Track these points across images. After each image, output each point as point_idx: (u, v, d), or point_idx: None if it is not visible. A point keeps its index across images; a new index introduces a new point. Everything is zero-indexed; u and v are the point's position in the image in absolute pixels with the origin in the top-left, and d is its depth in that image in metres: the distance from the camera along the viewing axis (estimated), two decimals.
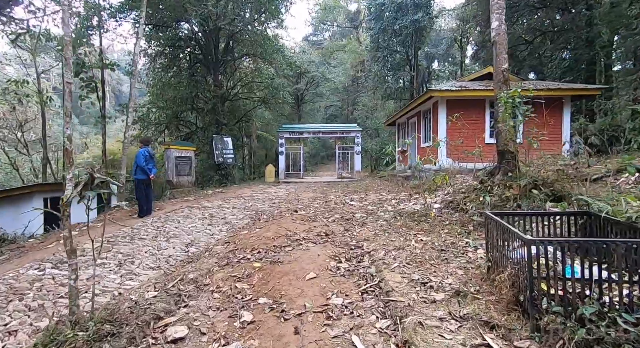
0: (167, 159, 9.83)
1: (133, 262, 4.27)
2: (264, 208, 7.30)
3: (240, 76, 20.74)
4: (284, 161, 16.32)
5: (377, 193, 8.88)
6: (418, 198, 7.15)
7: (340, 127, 17.19)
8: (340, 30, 45.19)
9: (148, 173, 6.61)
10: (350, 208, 6.52)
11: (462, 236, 4.10)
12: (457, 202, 5.30)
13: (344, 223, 5.10)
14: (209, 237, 5.21)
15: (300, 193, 9.73)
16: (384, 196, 7.85)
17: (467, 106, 9.58)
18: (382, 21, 20.38)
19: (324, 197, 8.45)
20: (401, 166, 14.58)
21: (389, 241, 4.02)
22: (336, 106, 35.93)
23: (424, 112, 11.27)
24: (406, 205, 6.40)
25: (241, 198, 8.93)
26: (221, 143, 14.13)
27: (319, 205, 6.91)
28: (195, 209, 7.18)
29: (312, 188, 11.47)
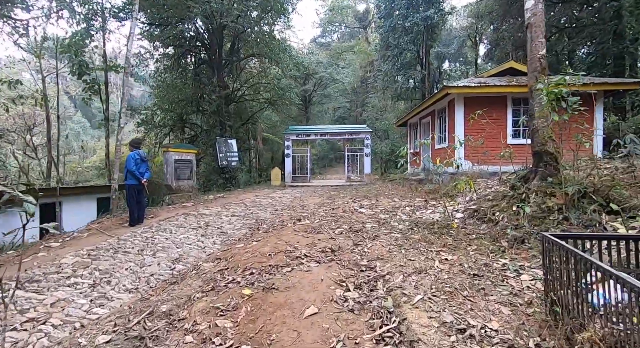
0: (165, 163, 9.35)
1: (109, 282, 3.71)
2: (265, 215, 6.70)
3: (247, 77, 20.34)
4: (290, 164, 15.75)
5: (389, 198, 8.19)
6: (435, 205, 6.44)
7: (349, 128, 16.54)
8: (349, 32, 44.65)
9: (139, 177, 6.09)
10: (360, 216, 5.86)
11: (495, 254, 3.40)
12: (484, 211, 4.59)
13: (352, 236, 4.45)
14: (200, 251, 4.62)
15: (306, 199, 9.11)
16: (396, 203, 7.16)
17: (487, 104, 8.81)
18: (392, 19, 19.70)
19: (331, 203, 7.80)
20: (413, 169, 13.83)
21: (407, 260, 3.35)
22: (344, 108, 35.32)
23: (439, 111, 10.54)
24: (423, 214, 5.70)
25: (242, 204, 8.35)
26: (225, 146, 13.64)
27: (325, 213, 6.27)
28: (191, 217, 6.63)
29: (319, 193, 10.84)
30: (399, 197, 8.40)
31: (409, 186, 10.50)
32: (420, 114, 12.37)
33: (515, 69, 9.32)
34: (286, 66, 17.98)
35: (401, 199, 7.81)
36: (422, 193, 8.67)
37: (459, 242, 3.92)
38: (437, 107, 10.53)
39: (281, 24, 19.53)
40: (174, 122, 17.47)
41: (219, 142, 13.24)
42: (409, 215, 5.66)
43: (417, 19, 18.04)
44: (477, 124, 8.89)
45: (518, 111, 8.78)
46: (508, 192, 4.44)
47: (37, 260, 4.72)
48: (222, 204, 8.33)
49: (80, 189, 10.33)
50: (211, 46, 14.72)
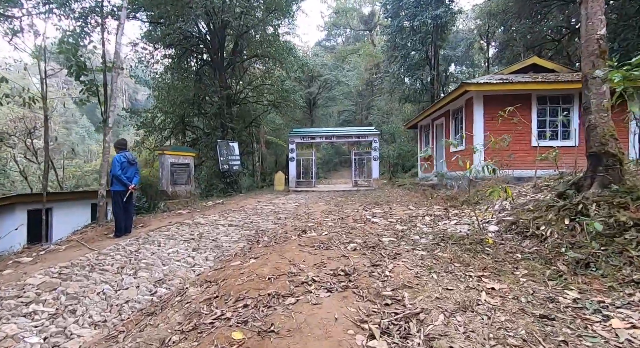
0: (161, 167, 8.74)
1: (75, 311, 3.04)
2: (267, 225, 6.01)
3: (250, 79, 19.83)
4: (294, 168, 15.10)
5: (402, 206, 7.47)
6: (458, 214, 5.71)
7: (356, 130, 15.87)
8: (354, 35, 44.24)
9: (126, 183, 5.45)
10: (374, 227, 5.15)
11: (555, 283, 2.68)
12: (524, 224, 3.86)
13: (369, 253, 3.74)
14: (189, 270, 3.93)
15: (312, 205, 8.42)
16: (412, 211, 6.43)
17: (509, 103, 8.07)
18: (399, 18, 19.12)
19: (340, 211, 7.10)
20: (425, 174, 13.09)
21: (442, 289, 2.64)
22: (350, 111, 34.72)
23: (454, 111, 9.83)
24: (446, 225, 4.98)
25: (243, 211, 7.68)
26: (227, 149, 13.04)
27: (334, 223, 5.57)
28: (185, 227, 5.96)
29: (325, 199, 10.14)
30: (414, 204, 7.67)
31: (422, 192, 9.77)
32: (432, 115, 11.66)
33: (538, 65, 8.60)
34: (290, 67, 17.43)
35: (417, 206, 7.09)
36: (439, 199, 7.94)
37: (502, 264, 3.20)
38: (452, 108, 9.82)
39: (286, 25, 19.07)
40: (174, 125, 16.95)
41: (220, 145, 12.64)
42: (431, 227, 4.94)
43: (425, 18, 17.43)
44: (498, 125, 8.18)
45: (543, 110, 8.04)
46: (555, 201, 3.71)
47: (19, 269, 4.11)
48: (221, 211, 7.67)
49: (72, 195, 9.76)
50: (213, 45, 14.21)
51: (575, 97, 7.85)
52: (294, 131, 16.11)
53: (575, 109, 7.87)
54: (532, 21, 18.90)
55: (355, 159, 15.39)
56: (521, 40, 20.26)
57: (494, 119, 8.12)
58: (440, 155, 11.46)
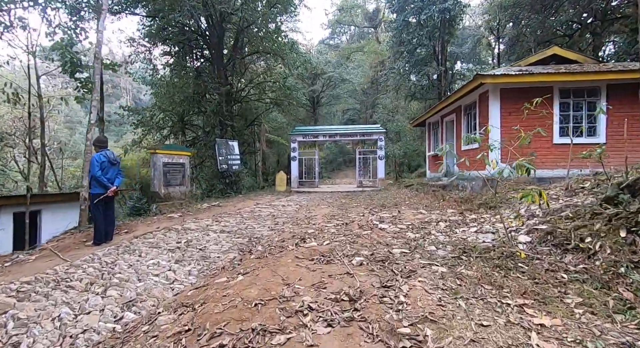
0: (153, 167, 8.21)
1: (17, 344, 2.48)
2: (262, 232, 5.43)
3: (251, 76, 19.28)
4: (296, 168, 14.53)
5: (412, 209, 6.85)
6: (477, 219, 5.08)
7: (361, 128, 15.23)
8: (359, 32, 43.56)
9: (107, 185, 4.91)
10: (382, 235, 4.55)
11: (627, 318, 2.06)
12: (564, 234, 3.24)
13: (377, 269, 3.14)
14: (166, 287, 3.36)
15: (313, 209, 7.83)
16: (424, 215, 5.81)
17: (528, 96, 7.41)
18: (405, 12, 18.44)
19: (343, 215, 6.50)
20: (433, 174, 12.43)
21: (475, 325, 2.04)
22: (354, 110, 34.06)
23: (467, 107, 9.17)
24: (465, 233, 4.36)
25: (239, 215, 7.12)
26: (226, 148, 12.51)
27: (337, 230, 4.97)
28: (172, 233, 5.41)
29: (328, 201, 9.55)
30: (424, 207, 7.05)
31: (432, 194, 9.13)
32: (442, 112, 11.00)
33: (560, 56, 7.92)
34: (293, 63, 16.85)
35: (428, 210, 6.46)
36: (451, 202, 7.30)
37: (545, 287, 2.58)
38: (465, 103, 9.17)
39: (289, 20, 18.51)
40: (173, 124, 16.47)
41: (219, 144, 12.11)
42: (448, 235, 4.32)
43: (433, 12, 16.73)
44: (516, 121, 7.52)
45: (566, 104, 7.37)
46: (603, 208, 3.08)
47: None
48: (215, 215, 7.11)
49: (62, 196, 9.27)
50: (211, 40, 13.67)
51: (602, 89, 7.16)
52: (296, 130, 15.53)
53: (603, 103, 7.19)
54: (544, 15, 18.13)
55: (360, 159, 14.77)
56: (532, 35, 19.50)
57: (512, 115, 7.48)
58: (450, 154, 10.79)
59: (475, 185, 8.25)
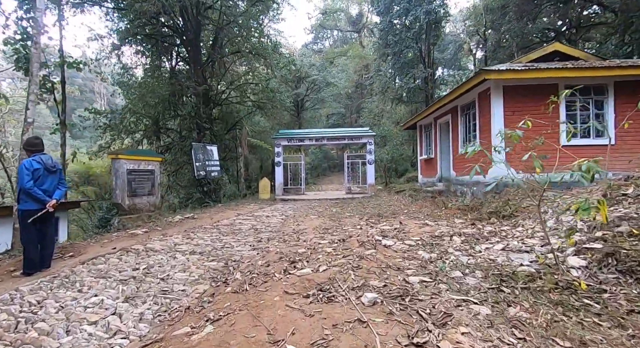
0: (114, 174, 7.10)
1: None
2: (243, 251, 4.50)
3: (232, 78, 18.29)
4: (281, 174, 13.62)
5: (413, 219, 6.10)
6: (496, 233, 4.35)
7: (349, 132, 14.52)
8: (342, 37, 43.39)
9: (42, 198, 3.87)
10: (390, 255, 3.73)
11: None
12: (634, 258, 2.52)
13: (398, 311, 2.30)
14: (103, 345, 2.40)
15: (302, 219, 6.95)
16: (432, 227, 5.05)
17: (532, 94, 6.91)
18: (391, 14, 18.05)
19: (338, 227, 5.66)
20: (426, 179, 11.82)
21: None
22: (339, 114, 33.50)
23: (464, 107, 8.60)
24: (490, 251, 3.61)
25: (216, 229, 6.14)
26: (203, 153, 11.46)
27: (334, 249, 4.11)
28: (130, 256, 4.39)
29: (317, 210, 8.69)
30: (427, 217, 6.31)
31: (429, 201, 8.45)
32: (435, 113, 10.43)
33: (562, 53, 7.47)
34: (276, 64, 16.03)
35: (433, 220, 5.72)
36: (455, 210, 6.61)
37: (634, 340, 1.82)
38: (462, 103, 8.59)
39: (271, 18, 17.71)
40: (147, 128, 15.23)
41: (196, 149, 11.06)
42: (470, 254, 3.55)
43: (419, 13, 16.39)
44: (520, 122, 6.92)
45: (572, 103, 6.87)
46: None
47: None
48: (188, 230, 6.10)
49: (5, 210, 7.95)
50: (187, 36, 12.64)
51: (609, 87, 6.72)
52: (280, 133, 14.64)
53: (610, 102, 6.74)
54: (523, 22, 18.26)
55: (349, 164, 14.01)
56: (513, 40, 19.59)
57: (515, 114, 6.90)
58: (445, 158, 10.20)
59: (477, 191, 7.62)
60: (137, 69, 14.80)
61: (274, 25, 21.49)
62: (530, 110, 6.90)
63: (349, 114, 33.23)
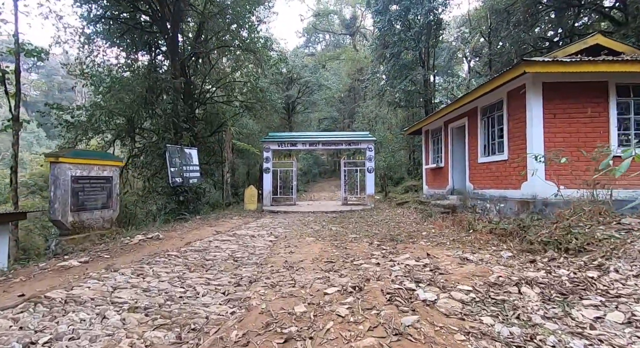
0: (53, 183, 5.50)
1: None
2: (211, 307, 3.02)
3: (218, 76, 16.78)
4: (270, 181, 12.17)
5: (438, 245, 4.76)
6: (584, 281, 3.02)
7: (347, 136, 13.17)
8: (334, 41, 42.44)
9: None
10: (439, 326, 2.35)
11: None
12: None
13: None
14: None
15: (296, 243, 5.51)
16: (474, 264, 3.71)
17: (577, 93, 5.73)
18: (389, 13, 17.00)
19: (345, 259, 4.25)
20: (433, 190, 10.56)
21: None
22: (331, 119, 32.25)
23: (486, 109, 7.39)
24: (603, 324, 2.27)
25: (182, 257, 4.64)
26: (181, 157, 9.92)
27: (349, 307, 2.70)
28: (37, 314, 2.87)
29: (313, 227, 7.26)
30: (453, 242, 4.99)
31: (447, 218, 7.13)
32: (446, 117, 9.22)
33: (603, 46, 6.36)
34: (266, 60, 14.68)
35: (467, 249, 4.38)
36: (486, 234, 5.31)
37: None
38: (483, 103, 7.39)
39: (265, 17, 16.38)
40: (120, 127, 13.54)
41: (171, 152, 9.51)
42: (574, 332, 2.20)
43: (421, 11, 15.37)
44: (563, 126, 5.77)
45: (625, 105, 5.72)
46: None
47: None
48: (145, 258, 4.58)
49: None
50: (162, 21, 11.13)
51: None
52: (269, 136, 13.20)
53: None
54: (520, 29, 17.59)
55: (345, 171, 12.64)
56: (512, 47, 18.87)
57: (557, 117, 5.70)
58: (459, 167, 8.97)
59: (506, 208, 6.37)
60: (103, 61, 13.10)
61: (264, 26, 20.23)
62: (574, 113, 5.73)
63: (342, 118, 32.05)
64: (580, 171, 5.45)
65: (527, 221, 5.32)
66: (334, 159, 36.55)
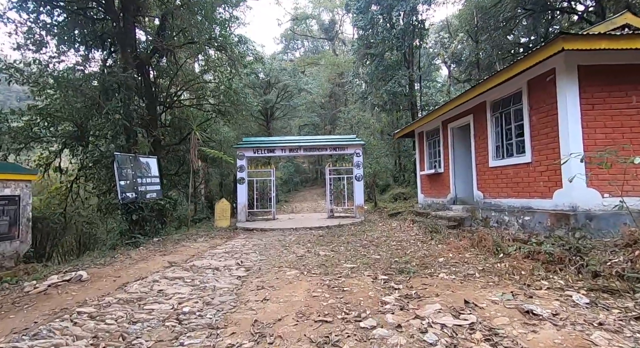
0: None
1: None
2: None
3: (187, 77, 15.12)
4: (244, 193, 10.62)
5: (465, 277, 3.43)
6: None
7: (332, 140, 11.81)
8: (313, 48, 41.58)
9: None
10: None
11: None
12: None
13: None
14: None
15: (272, 277, 4.04)
16: (551, 321, 2.40)
17: (620, 79, 4.67)
18: (371, 12, 16.08)
19: (340, 306, 2.84)
20: (430, 198, 9.36)
21: None
22: (312, 125, 30.97)
23: (498, 103, 6.28)
24: None
25: (101, 314, 3.06)
26: (134, 167, 8.23)
27: None
28: None
29: (297, 252, 5.78)
30: (483, 271, 3.68)
31: (459, 236, 5.87)
32: (445, 116, 8.09)
33: (634, 26, 5.41)
34: (241, 58, 13.26)
35: (510, 283, 3.08)
36: (521, 259, 4.05)
37: None
38: (494, 97, 6.27)
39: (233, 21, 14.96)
40: (68, 134, 11.59)
41: (120, 161, 7.81)
42: None
43: (405, 8, 14.51)
44: (603, 119, 4.66)
45: None
46: None
47: None
48: (34, 324, 2.96)
49: None
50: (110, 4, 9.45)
51: None
52: (244, 141, 11.66)
53: None
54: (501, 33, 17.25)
55: (331, 179, 11.26)
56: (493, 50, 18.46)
57: (596, 108, 4.60)
58: (463, 173, 7.81)
59: (533, 222, 5.18)
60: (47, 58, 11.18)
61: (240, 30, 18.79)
62: (616, 103, 4.65)
63: (324, 125, 30.85)
64: (628, 175, 4.34)
65: (571, 240, 4.12)
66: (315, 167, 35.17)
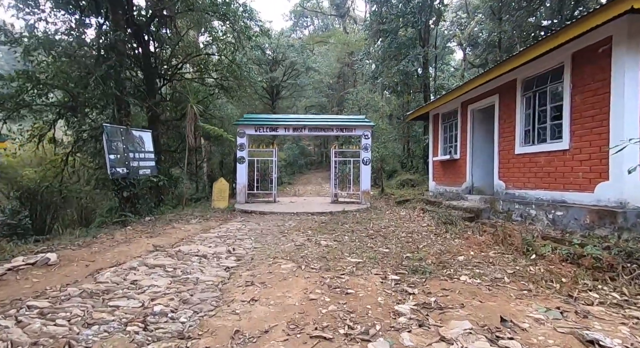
0: None
1: None
2: None
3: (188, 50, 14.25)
4: (244, 174, 10.04)
5: (492, 282, 2.83)
6: None
7: (339, 120, 11.04)
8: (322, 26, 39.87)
9: None
10: None
11: None
12: None
13: None
14: None
15: (265, 270, 3.50)
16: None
17: None
18: None
19: (344, 314, 2.28)
20: (443, 187, 8.69)
21: None
22: (319, 106, 29.98)
23: (531, 81, 5.48)
24: None
25: (54, 310, 2.54)
26: (126, 140, 7.65)
27: None
28: None
29: (294, 237, 5.23)
30: (513, 276, 3.08)
31: (478, 230, 5.24)
32: (465, 96, 7.29)
33: None
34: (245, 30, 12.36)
35: (551, 293, 2.48)
36: (557, 263, 3.44)
37: None
38: (526, 74, 5.47)
39: None
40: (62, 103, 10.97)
41: (110, 133, 7.22)
42: None
43: None
44: None
45: None
46: None
47: None
48: None
49: None
50: None
51: None
52: (245, 118, 10.95)
53: None
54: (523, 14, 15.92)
55: (337, 162, 10.58)
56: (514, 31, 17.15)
57: None
58: (482, 159, 7.10)
59: (567, 218, 4.52)
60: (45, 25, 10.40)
61: None
62: None
63: (331, 106, 29.84)
64: None
65: (620, 243, 3.48)
66: (321, 149, 34.39)
